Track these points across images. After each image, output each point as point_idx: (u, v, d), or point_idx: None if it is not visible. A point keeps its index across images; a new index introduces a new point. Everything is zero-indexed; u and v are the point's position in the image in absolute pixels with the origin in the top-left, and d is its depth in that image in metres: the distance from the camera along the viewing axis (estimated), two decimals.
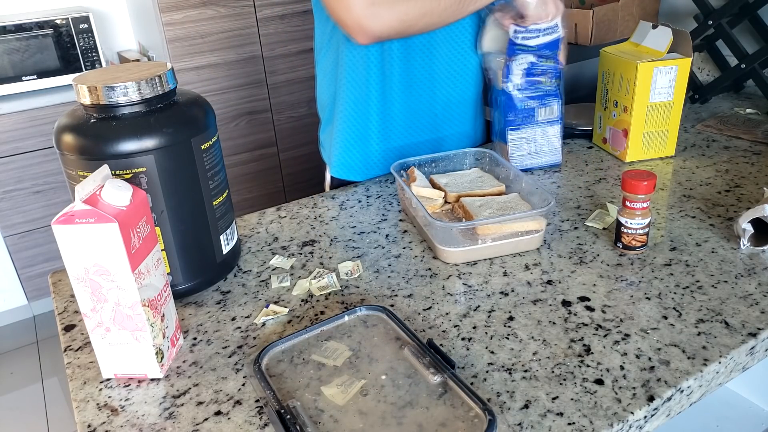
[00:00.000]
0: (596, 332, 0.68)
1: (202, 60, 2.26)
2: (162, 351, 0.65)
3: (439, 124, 1.13)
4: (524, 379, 0.62)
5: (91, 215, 0.57)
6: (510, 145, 1.07)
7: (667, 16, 1.73)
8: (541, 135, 1.07)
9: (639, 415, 0.57)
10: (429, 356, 0.62)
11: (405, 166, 0.99)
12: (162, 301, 0.66)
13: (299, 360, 0.65)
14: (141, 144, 0.68)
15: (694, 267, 0.78)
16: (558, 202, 0.97)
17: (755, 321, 0.68)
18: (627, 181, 0.78)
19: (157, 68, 0.72)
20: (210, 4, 2.19)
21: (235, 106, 2.38)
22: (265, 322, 0.74)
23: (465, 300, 0.75)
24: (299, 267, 0.85)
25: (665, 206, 0.94)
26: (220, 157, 0.78)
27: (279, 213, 1.01)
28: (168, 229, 0.73)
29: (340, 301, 0.76)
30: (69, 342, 0.73)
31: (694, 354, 0.64)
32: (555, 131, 1.08)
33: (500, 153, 1.10)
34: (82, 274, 0.60)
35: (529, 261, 0.82)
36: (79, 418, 0.61)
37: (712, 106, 1.37)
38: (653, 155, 1.11)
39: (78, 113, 0.71)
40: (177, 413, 0.61)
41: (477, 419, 0.55)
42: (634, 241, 0.81)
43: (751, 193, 0.96)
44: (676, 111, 1.08)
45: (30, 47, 2.15)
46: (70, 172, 0.70)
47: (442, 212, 0.93)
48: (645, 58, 1.05)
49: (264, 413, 0.60)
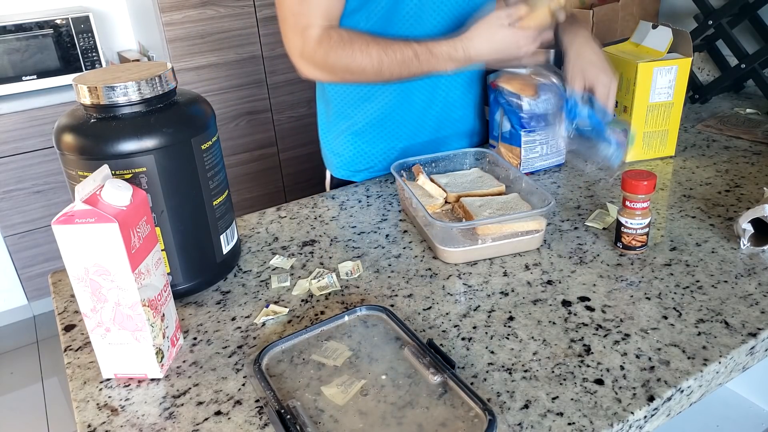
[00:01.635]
0: (596, 332, 0.68)
1: (202, 60, 2.26)
2: (162, 351, 0.65)
3: (440, 125, 1.13)
4: (524, 379, 0.62)
5: (91, 215, 0.57)
6: (524, 147, 1.06)
7: (667, 16, 1.73)
8: (552, 137, 1.07)
9: (639, 415, 0.57)
10: (429, 356, 0.62)
11: (405, 166, 0.99)
12: (162, 301, 0.66)
13: (299, 360, 0.65)
14: (141, 144, 0.68)
15: (694, 267, 0.78)
16: (558, 202, 0.97)
17: (755, 321, 0.68)
18: (627, 181, 0.78)
19: (157, 68, 0.72)
20: (210, 4, 2.19)
21: (235, 106, 2.38)
22: (265, 322, 0.74)
23: (465, 300, 0.75)
24: (299, 267, 0.85)
25: (665, 206, 0.94)
26: (220, 157, 0.78)
27: (279, 213, 1.01)
28: (168, 229, 0.73)
29: (340, 301, 0.76)
30: (69, 342, 0.73)
31: (694, 354, 0.64)
32: (562, 132, 1.07)
33: (504, 155, 1.09)
34: (82, 274, 0.60)
35: (529, 261, 0.82)
36: (79, 418, 0.61)
37: (712, 106, 1.37)
38: (653, 155, 1.11)
39: (78, 113, 0.71)
40: (177, 413, 0.61)
41: (477, 419, 0.55)
42: (634, 241, 0.81)
43: (751, 193, 0.96)
44: (676, 111, 1.08)
45: (30, 47, 2.15)
46: (70, 172, 0.70)
47: (442, 212, 0.93)
48: (645, 58, 1.05)
49: (264, 413, 0.60)
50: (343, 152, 1.12)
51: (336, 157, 1.14)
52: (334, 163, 1.15)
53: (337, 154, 1.13)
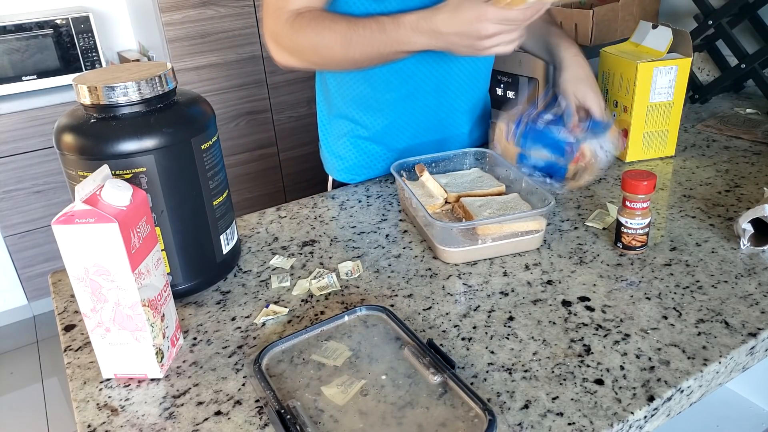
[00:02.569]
0: (596, 332, 0.68)
1: (202, 60, 2.26)
2: (162, 351, 0.65)
3: (444, 127, 1.12)
4: (524, 379, 0.62)
5: (91, 215, 0.57)
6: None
7: (667, 16, 1.73)
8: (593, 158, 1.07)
9: (639, 415, 0.57)
10: (429, 356, 0.62)
11: (405, 166, 0.99)
12: (162, 301, 0.66)
13: (299, 360, 0.65)
14: (141, 144, 0.68)
15: (694, 267, 0.78)
16: (558, 202, 0.97)
17: (755, 321, 0.68)
18: (627, 181, 0.78)
19: (157, 68, 0.72)
20: (210, 4, 2.19)
21: (235, 106, 2.38)
22: (265, 322, 0.74)
23: (465, 300, 0.75)
24: (299, 267, 0.85)
25: (665, 206, 0.94)
26: (220, 157, 0.78)
27: (279, 213, 1.01)
28: (168, 229, 0.73)
29: (340, 301, 0.76)
30: (69, 342, 0.73)
31: (694, 354, 0.64)
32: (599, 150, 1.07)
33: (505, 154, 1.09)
34: (82, 274, 0.60)
35: (529, 261, 0.82)
36: (79, 418, 0.61)
37: (712, 106, 1.37)
38: (653, 155, 1.11)
39: (78, 113, 0.71)
40: (177, 413, 0.61)
41: (477, 419, 0.55)
42: (634, 241, 0.81)
43: (751, 193, 0.96)
44: (676, 111, 1.08)
45: (30, 47, 2.15)
46: (70, 172, 0.70)
47: (442, 212, 0.93)
48: (645, 58, 1.05)
49: (264, 413, 0.60)
50: (346, 155, 1.12)
51: (338, 160, 1.13)
52: (336, 167, 1.14)
53: (340, 157, 1.13)
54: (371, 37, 0.86)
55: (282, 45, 0.92)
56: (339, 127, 1.11)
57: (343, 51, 0.88)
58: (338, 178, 1.15)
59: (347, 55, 0.89)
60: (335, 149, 1.13)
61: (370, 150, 1.10)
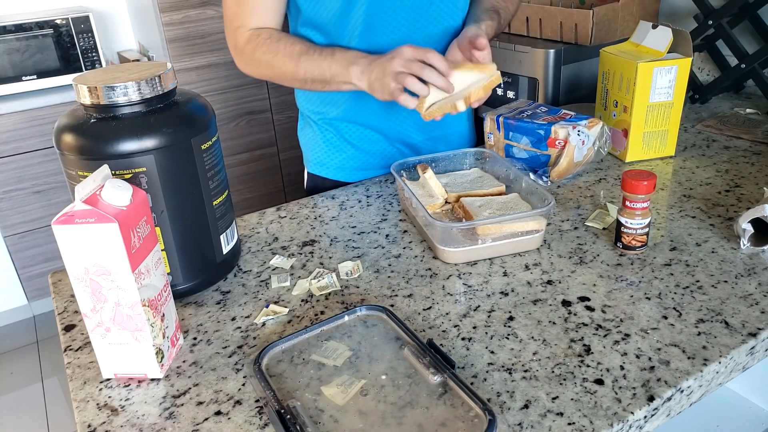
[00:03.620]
0: (596, 332, 0.68)
1: (202, 60, 2.26)
2: (162, 351, 0.65)
3: (436, 125, 1.12)
4: (524, 379, 0.62)
5: (91, 215, 0.57)
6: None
7: (667, 16, 1.73)
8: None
9: (639, 415, 0.57)
10: (429, 356, 0.62)
11: (405, 165, 0.99)
12: (162, 301, 0.66)
13: (299, 360, 0.65)
14: (141, 144, 0.68)
15: (694, 267, 0.78)
16: (558, 202, 0.97)
17: (755, 321, 0.68)
18: (627, 181, 0.78)
19: (157, 68, 0.72)
20: (210, 4, 2.19)
21: (235, 106, 2.38)
22: (265, 322, 0.74)
23: (465, 300, 0.75)
24: (299, 267, 0.85)
25: (665, 206, 0.94)
26: (220, 157, 0.78)
27: (279, 213, 1.01)
28: (168, 229, 0.73)
29: (340, 301, 0.76)
30: (69, 342, 0.73)
31: (694, 354, 0.64)
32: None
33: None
34: (82, 274, 0.60)
35: (529, 261, 0.82)
36: (79, 418, 0.61)
37: (712, 106, 1.37)
38: (653, 155, 1.11)
39: (78, 113, 0.71)
40: (177, 413, 0.61)
41: (477, 419, 0.55)
42: (634, 241, 0.81)
43: (751, 193, 0.96)
44: (676, 111, 1.08)
45: (30, 47, 2.15)
46: (70, 172, 0.70)
47: (442, 212, 0.93)
48: (645, 58, 1.05)
49: (264, 413, 0.60)
50: (337, 153, 1.12)
51: (327, 157, 1.14)
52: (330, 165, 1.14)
53: (331, 155, 1.13)
54: (321, 60, 0.94)
55: (243, 57, 1.01)
56: (332, 123, 1.11)
57: (293, 70, 0.97)
58: (332, 176, 1.15)
59: (296, 74, 0.97)
60: (306, 137, 1.16)
61: (364, 147, 1.11)
